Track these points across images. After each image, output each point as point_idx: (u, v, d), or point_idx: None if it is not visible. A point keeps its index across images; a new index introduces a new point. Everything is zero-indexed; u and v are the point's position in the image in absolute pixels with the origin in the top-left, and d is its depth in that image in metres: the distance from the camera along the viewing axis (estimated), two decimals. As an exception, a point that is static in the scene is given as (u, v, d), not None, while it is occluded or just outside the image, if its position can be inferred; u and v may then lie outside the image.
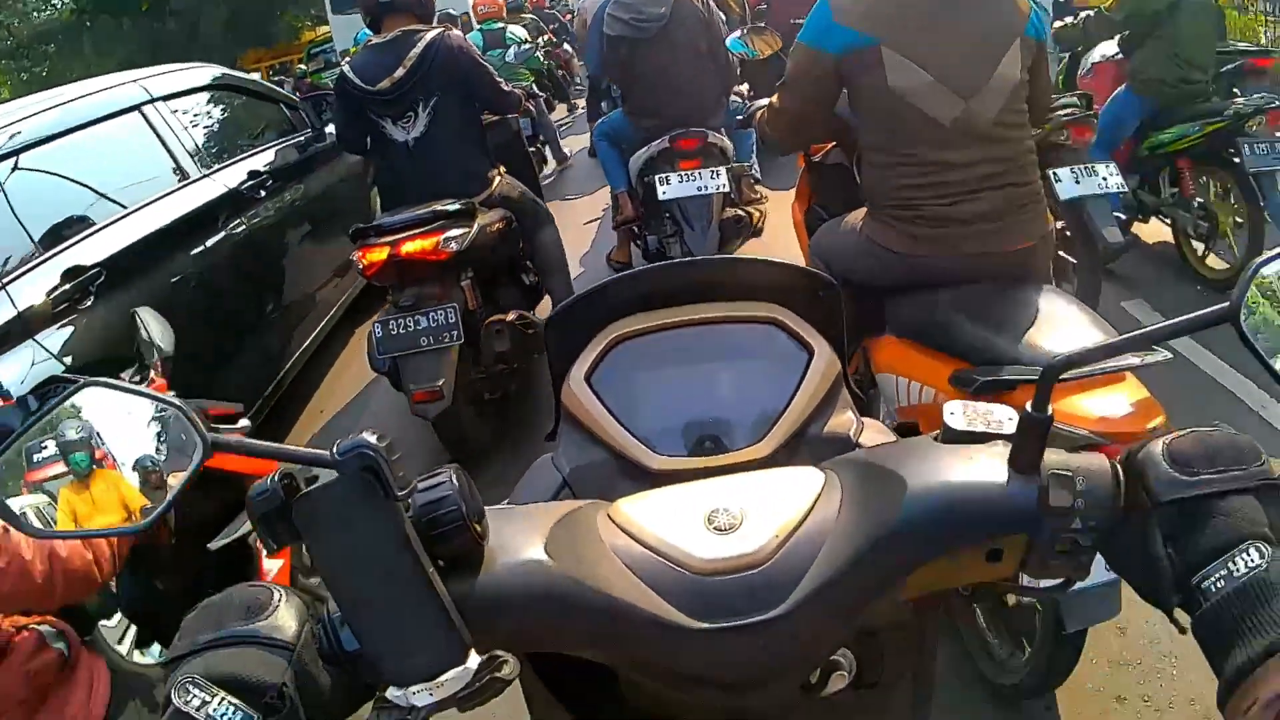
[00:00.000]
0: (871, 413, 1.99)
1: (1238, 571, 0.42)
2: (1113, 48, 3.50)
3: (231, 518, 1.49)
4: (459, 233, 2.44)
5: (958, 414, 0.53)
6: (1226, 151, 2.94)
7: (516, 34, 5.79)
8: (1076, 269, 2.72)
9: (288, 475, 0.46)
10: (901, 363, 1.69)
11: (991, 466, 0.50)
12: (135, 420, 0.51)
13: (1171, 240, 3.39)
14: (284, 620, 0.45)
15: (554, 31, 8.40)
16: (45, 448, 0.53)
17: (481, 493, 0.49)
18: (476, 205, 2.62)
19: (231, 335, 2.83)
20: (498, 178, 2.84)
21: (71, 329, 2.09)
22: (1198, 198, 3.17)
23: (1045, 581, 0.51)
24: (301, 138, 3.84)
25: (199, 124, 3.25)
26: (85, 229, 2.36)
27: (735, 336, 0.73)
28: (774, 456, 0.65)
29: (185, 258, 2.63)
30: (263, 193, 3.21)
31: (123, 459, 0.51)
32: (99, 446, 0.52)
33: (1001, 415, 0.52)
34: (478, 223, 2.54)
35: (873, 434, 0.69)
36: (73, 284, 2.14)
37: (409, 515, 0.46)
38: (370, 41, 2.74)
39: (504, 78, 3.08)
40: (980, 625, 1.70)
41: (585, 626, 0.48)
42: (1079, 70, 3.80)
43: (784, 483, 0.54)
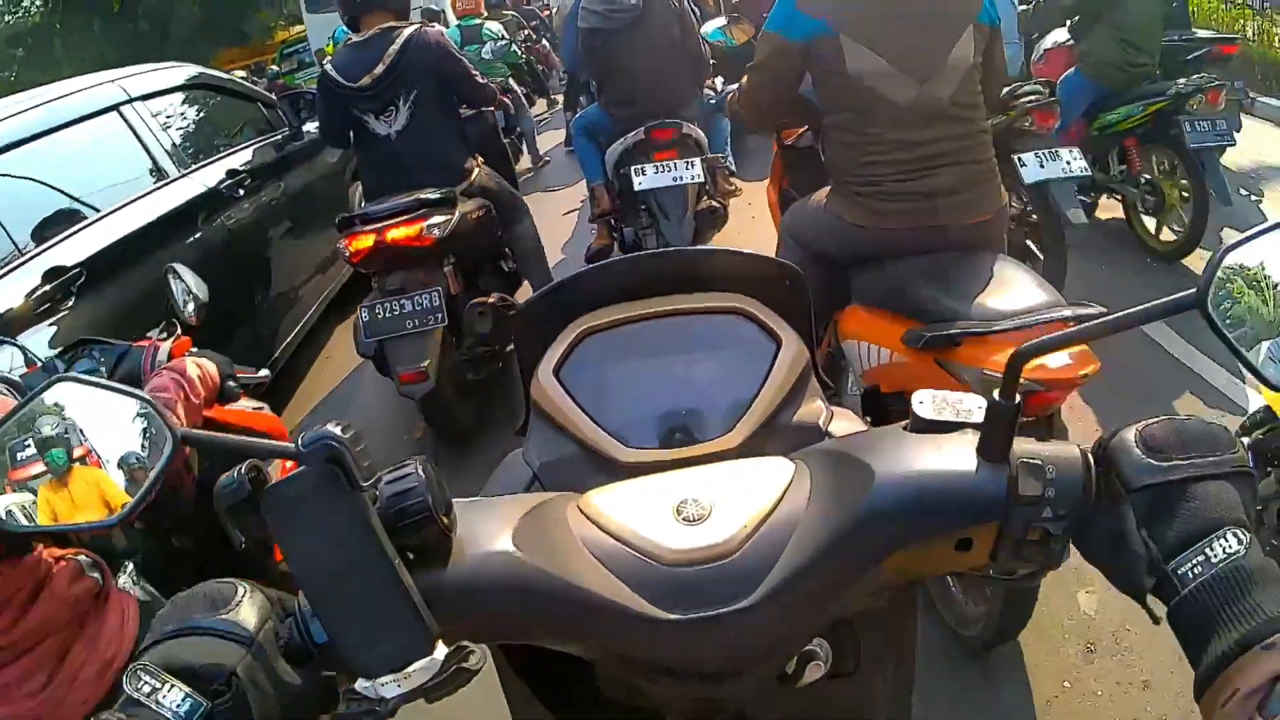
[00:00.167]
0: (841, 383, 2.10)
1: (1215, 557, 0.42)
2: (1064, 34, 3.64)
3: None
4: (441, 220, 2.52)
5: (926, 403, 0.52)
6: (1170, 130, 3.07)
7: (493, 30, 5.86)
8: (1042, 250, 2.81)
9: (255, 468, 0.47)
10: (863, 328, 1.77)
11: (960, 455, 0.49)
12: (111, 415, 0.51)
13: (1123, 215, 3.53)
14: (245, 614, 0.45)
15: (534, 28, 8.44)
16: (27, 446, 0.53)
17: (467, 481, 0.53)
18: (457, 194, 2.68)
19: (213, 333, 2.82)
20: (476, 168, 2.90)
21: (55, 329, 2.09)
22: (1145, 174, 3.31)
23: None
24: (279, 136, 3.85)
25: (177, 124, 3.25)
26: (65, 229, 2.35)
27: (703, 328, 0.73)
28: (744, 446, 0.64)
29: (165, 256, 2.60)
30: (241, 191, 3.22)
31: (101, 454, 0.51)
32: (78, 443, 0.52)
33: (971, 404, 0.51)
34: (459, 210, 2.61)
35: (842, 422, 0.69)
36: (53, 285, 2.14)
37: (376, 507, 0.46)
38: (350, 40, 2.79)
39: (481, 72, 3.15)
40: (946, 578, 1.79)
41: (553, 617, 0.48)
42: (1032, 56, 3.93)
43: (753, 473, 0.54)
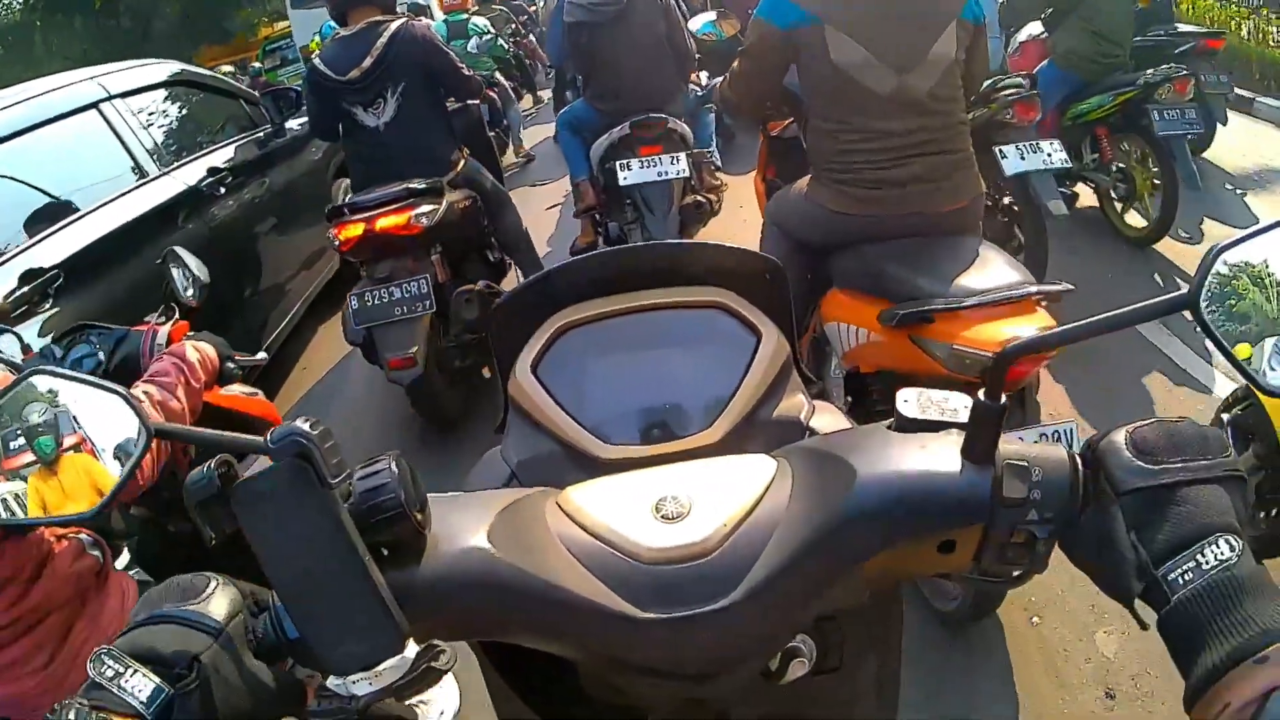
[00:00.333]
0: (825, 367, 2.16)
1: (1207, 564, 0.41)
2: (1039, 27, 3.71)
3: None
4: (429, 209, 2.55)
5: (911, 401, 0.51)
6: (1140, 120, 3.16)
7: (479, 25, 5.91)
8: (1023, 240, 2.88)
9: (226, 463, 0.46)
10: (843, 311, 1.83)
11: (944, 456, 0.48)
12: (91, 405, 0.51)
13: (1096, 203, 3.62)
14: (215, 606, 0.45)
15: (522, 23, 8.47)
16: (17, 435, 0.53)
17: (454, 473, 0.57)
18: (444, 184, 2.71)
19: (199, 328, 2.83)
20: (463, 160, 2.94)
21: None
22: (1117, 163, 3.40)
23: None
24: (261, 133, 3.84)
25: (158, 121, 3.23)
26: (43, 229, 2.34)
27: (682, 322, 0.71)
28: (724, 442, 0.63)
29: (148, 254, 2.57)
30: (223, 189, 3.21)
31: (94, 443, 0.51)
32: (68, 431, 0.52)
33: (956, 403, 0.51)
34: (446, 200, 2.65)
35: (824, 417, 0.68)
36: (30, 287, 2.12)
37: (348, 503, 0.46)
38: (338, 34, 2.82)
39: (467, 66, 3.19)
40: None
41: (529, 615, 0.48)
42: (1009, 49, 4.00)
43: (734, 471, 0.53)
